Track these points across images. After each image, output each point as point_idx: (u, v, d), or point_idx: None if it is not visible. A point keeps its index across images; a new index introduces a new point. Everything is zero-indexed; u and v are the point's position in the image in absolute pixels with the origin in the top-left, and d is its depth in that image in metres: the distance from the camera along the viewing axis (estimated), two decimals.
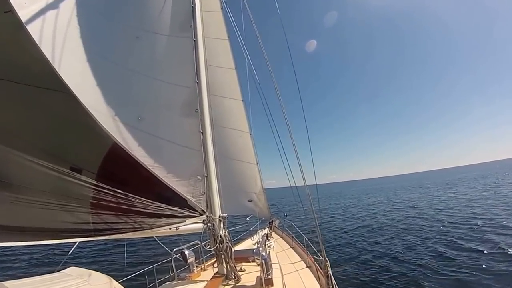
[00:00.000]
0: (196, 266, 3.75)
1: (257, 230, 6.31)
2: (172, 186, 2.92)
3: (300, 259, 4.42)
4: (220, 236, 3.01)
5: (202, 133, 3.32)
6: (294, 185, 4.75)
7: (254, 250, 2.99)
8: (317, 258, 3.72)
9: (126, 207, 2.63)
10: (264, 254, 2.93)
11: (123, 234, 2.56)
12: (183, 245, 3.57)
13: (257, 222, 6.39)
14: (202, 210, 3.00)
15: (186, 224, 2.90)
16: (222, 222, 3.09)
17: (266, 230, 6.17)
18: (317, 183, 4.65)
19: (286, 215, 5.88)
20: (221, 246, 3.00)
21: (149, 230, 2.66)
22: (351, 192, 52.64)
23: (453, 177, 57.30)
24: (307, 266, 4.07)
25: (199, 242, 3.25)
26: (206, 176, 3.13)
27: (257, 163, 6.05)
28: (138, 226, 2.63)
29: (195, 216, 2.95)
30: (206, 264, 3.79)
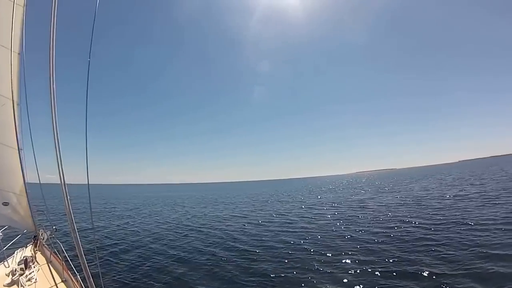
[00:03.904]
0: None
1: (16, 250, 4.18)
2: None
3: None
4: None
5: None
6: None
7: None
8: None
9: None
10: None
11: None
12: None
13: (14, 237, 4.23)
14: None
15: None
16: None
17: (28, 250, 4.17)
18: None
19: (56, 230, 4.19)
20: None
21: None
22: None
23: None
24: None
25: None
26: None
27: (20, 148, 3.94)
28: None
29: None
30: None
